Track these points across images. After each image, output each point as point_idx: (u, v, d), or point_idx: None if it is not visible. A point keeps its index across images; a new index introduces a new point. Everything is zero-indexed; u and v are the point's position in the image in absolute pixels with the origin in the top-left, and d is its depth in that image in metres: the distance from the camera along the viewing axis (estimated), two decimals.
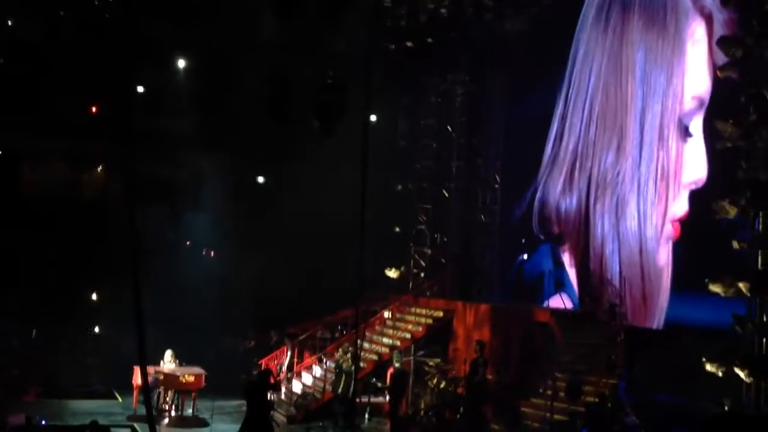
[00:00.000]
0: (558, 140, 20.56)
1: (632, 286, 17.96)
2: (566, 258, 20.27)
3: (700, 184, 16.67)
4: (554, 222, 20.43)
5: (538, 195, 21.00)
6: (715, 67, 15.77)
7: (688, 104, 17.09)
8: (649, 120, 18.02)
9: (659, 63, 17.88)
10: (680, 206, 17.21)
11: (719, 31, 15.83)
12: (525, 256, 20.26)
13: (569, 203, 20.06)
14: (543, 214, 20.81)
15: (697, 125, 16.91)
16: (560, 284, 20.03)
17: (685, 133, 17.10)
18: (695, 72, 16.98)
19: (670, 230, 17.41)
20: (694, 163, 16.91)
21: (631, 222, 18.36)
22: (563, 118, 20.43)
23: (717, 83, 16.00)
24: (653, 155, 17.87)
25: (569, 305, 19.16)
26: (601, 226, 19.08)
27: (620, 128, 18.82)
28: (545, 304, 20.08)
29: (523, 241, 21.04)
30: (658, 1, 17.96)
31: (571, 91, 20.30)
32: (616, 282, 18.07)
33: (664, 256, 17.54)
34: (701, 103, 16.79)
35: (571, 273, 19.97)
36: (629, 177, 18.48)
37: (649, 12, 18.16)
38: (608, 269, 18.65)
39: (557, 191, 20.37)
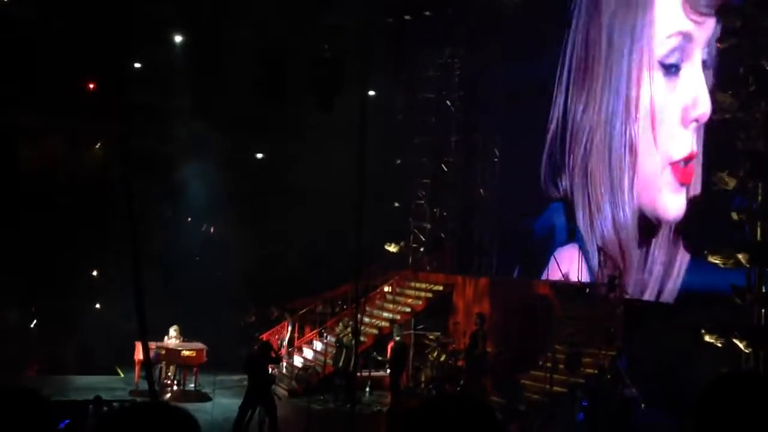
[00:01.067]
0: (560, 109, 20.74)
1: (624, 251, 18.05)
2: (579, 215, 19.87)
3: (703, 120, 16.43)
4: (563, 176, 20.40)
5: (545, 152, 20.97)
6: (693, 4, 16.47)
7: (665, 44, 17.32)
8: (617, 74, 18.53)
9: (626, 15, 18.40)
10: (682, 147, 17.03)
11: None
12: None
13: (574, 159, 20.06)
14: (553, 169, 20.76)
15: (692, 62, 16.86)
16: (573, 235, 19.66)
17: (669, 73, 17.27)
18: (668, 13, 17.33)
19: (672, 177, 17.30)
20: (691, 100, 16.79)
21: (618, 180, 18.50)
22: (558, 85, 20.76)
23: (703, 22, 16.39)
24: (629, 112, 18.23)
25: (582, 259, 18.81)
26: (598, 184, 19.20)
27: (588, 87, 19.24)
28: (556, 254, 19.78)
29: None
30: None
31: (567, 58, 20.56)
32: (615, 247, 18.13)
33: (675, 205, 17.36)
34: (687, 37, 16.85)
35: (584, 228, 19.65)
36: (611, 136, 18.73)
37: None
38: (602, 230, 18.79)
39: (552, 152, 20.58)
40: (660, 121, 17.58)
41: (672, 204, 17.33)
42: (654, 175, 17.75)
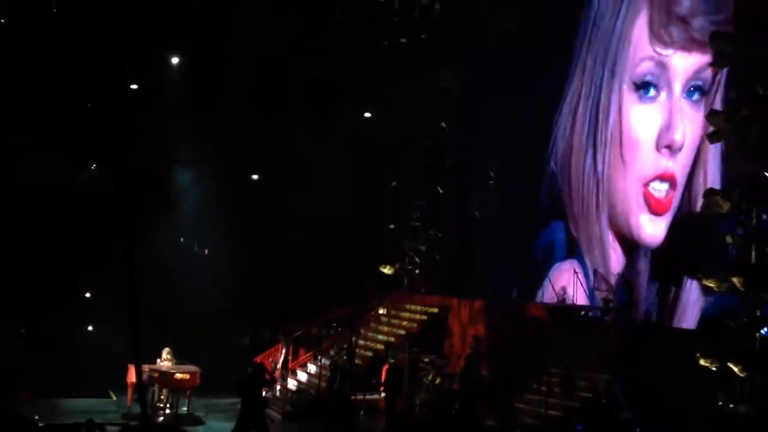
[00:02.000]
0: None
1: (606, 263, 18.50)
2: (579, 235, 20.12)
3: (677, 146, 17.08)
4: (564, 195, 20.58)
5: (549, 169, 21.07)
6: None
7: (641, 66, 17.89)
8: (597, 92, 18.97)
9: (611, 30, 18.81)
10: (656, 169, 17.57)
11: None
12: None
13: (579, 175, 20.16)
14: (553, 188, 20.96)
15: (676, 89, 17.42)
16: (573, 250, 19.90)
17: (643, 96, 17.80)
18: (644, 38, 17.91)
19: (644, 202, 17.74)
20: (663, 127, 17.43)
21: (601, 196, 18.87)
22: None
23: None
24: (604, 131, 18.65)
25: (581, 274, 18.97)
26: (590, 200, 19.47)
27: (575, 106, 19.65)
28: (555, 268, 20.04)
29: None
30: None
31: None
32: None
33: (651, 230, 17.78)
34: (660, 65, 17.45)
35: (584, 244, 19.88)
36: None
37: None
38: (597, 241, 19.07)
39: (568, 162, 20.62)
40: (630, 143, 17.96)
41: (648, 228, 17.72)
42: (626, 198, 18.08)
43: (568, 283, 19.26)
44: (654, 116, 17.60)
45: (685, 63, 17.03)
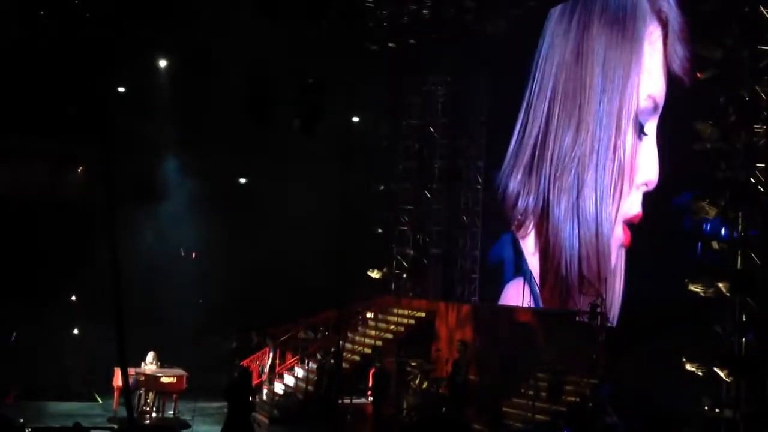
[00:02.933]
0: (522, 131, 21.17)
1: (590, 266, 18.49)
2: (528, 245, 20.60)
3: (651, 187, 17.11)
4: (515, 209, 21.07)
5: (502, 184, 21.62)
6: (669, 71, 16.64)
7: (644, 102, 17.46)
8: (607, 111, 18.49)
9: (618, 60, 18.26)
10: (633, 206, 17.57)
11: (673, 36, 16.58)
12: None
13: (530, 188, 20.62)
14: (506, 202, 21.43)
15: (651, 127, 17.28)
16: (519, 269, 20.52)
17: (640, 130, 17.49)
18: (651, 72, 17.37)
19: (621, 234, 17.83)
20: (646, 164, 17.28)
21: (589, 205, 18.87)
22: (527, 108, 21.04)
23: (670, 86, 16.69)
24: (609, 149, 18.32)
25: (527, 292, 19.35)
26: (561, 207, 19.65)
27: (578, 117, 19.38)
28: (505, 288, 20.73)
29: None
30: (618, 3, 18.47)
31: (535, 83, 20.85)
32: (577, 267, 18.67)
33: (616, 253, 18.02)
34: (655, 104, 17.16)
35: (533, 260, 20.36)
36: (587, 167, 19.02)
37: (610, 13, 18.70)
38: (566, 249, 19.23)
39: (518, 179, 21.08)
40: (626, 177, 17.83)
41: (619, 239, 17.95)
42: (609, 230, 18.17)
43: (517, 301, 19.66)
44: (644, 154, 17.40)
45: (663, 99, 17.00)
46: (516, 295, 20.01)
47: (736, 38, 13.55)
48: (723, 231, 13.75)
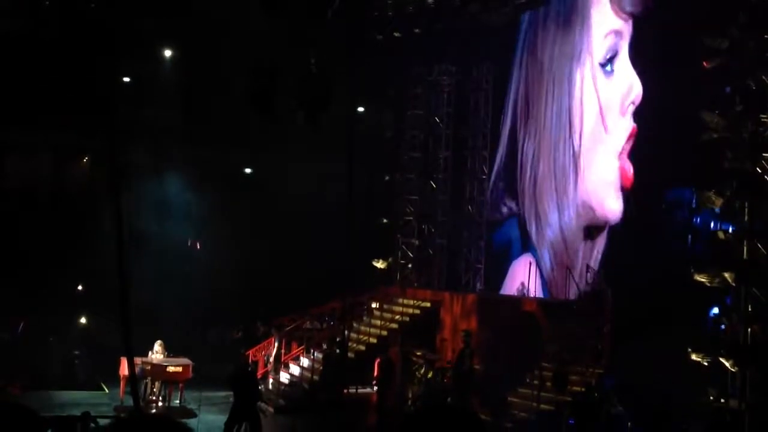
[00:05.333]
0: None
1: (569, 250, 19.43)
2: (532, 228, 21.18)
3: (638, 102, 18.10)
4: (513, 193, 21.77)
5: (495, 171, 22.33)
6: (622, 8, 18.38)
7: (603, 43, 19.03)
8: (567, 80, 20.09)
9: (569, 25, 20.03)
10: (624, 131, 18.50)
11: None
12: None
13: (526, 174, 21.29)
14: (505, 187, 22.12)
15: (622, 56, 18.62)
16: (527, 246, 21.05)
17: (607, 70, 18.94)
18: (603, 19, 19.01)
19: (618, 178, 18.55)
20: (626, 88, 18.43)
21: (569, 179, 19.93)
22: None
23: (636, 23, 18.22)
24: (576, 115, 19.80)
25: (534, 268, 20.08)
26: (545, 188, 20.64)
27: (545, 96, 20.65)
28: (512, 265, 21.10)
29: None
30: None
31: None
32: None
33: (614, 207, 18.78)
34: (618, 34, 18.60)
35: (536, 239, 20.96)
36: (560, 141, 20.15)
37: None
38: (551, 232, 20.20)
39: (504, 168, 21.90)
40: (607, 117, 19.07)
41: (613, 205, 18.77)
42: (602, 172, 19.02)
43: (524, 277, 20.20)
44: (618, 83, 18.70)
45: (628, 29, 18.38)
46: (523, 272, 20.41)
47: (743, 28, 13.50)
48: (713, 224, 13.88)
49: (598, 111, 19.33)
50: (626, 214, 18.30)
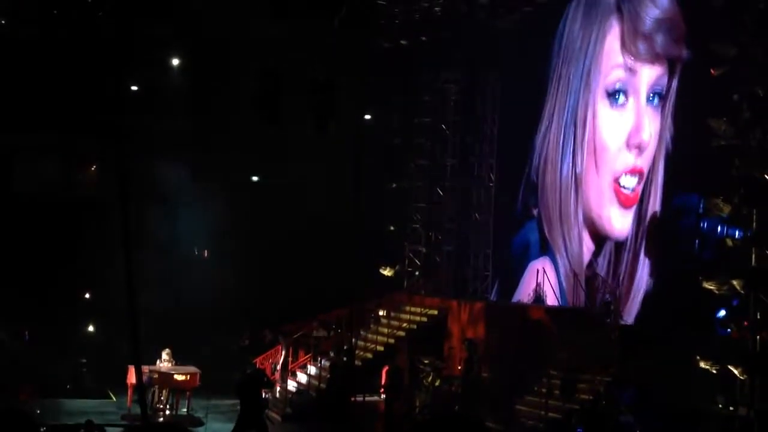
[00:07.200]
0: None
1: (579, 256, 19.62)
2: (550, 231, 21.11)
3: (645, 147, 18.26)
4: (536, 196, 21.58)
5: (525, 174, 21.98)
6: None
7: (612, 75, 19.17)
8: (573, 100, 20.19)
9: (583, 47, 19.94)
10: (626, 165, 18.79)
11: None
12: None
13: (556, 182, 21.02)
14: (528, 189, 21.90)
15: (642, 95, 18.58)
16: (545, 249, 20.94)
17: (613, 102, 19.08)
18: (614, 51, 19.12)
19: (614, 196, 18.91)
20: (633, 129, 18.64)
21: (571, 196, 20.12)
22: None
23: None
24: (579, 135, 19.95)
25: (551, 272, 20.05)
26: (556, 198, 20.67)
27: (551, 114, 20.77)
28: (529, 267, 20.98)
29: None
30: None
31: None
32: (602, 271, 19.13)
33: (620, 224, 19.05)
34: (631, 71, 18.67)
35: (556, 243, 20.86)
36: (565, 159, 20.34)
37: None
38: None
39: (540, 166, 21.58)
40: (602, 144, 19.32)
41: (617, 222, 18.97)
42: (599, 193, 19.35)
43: (540, 278, 20.11)
44: (625, 120, 18.86)
45: (649, 73, 18.32)
46: (539, 274, 20.30)
47: (750, 35, 13.48)
48: (718, 230, 13.86)
49: (592, 139, 19.70)
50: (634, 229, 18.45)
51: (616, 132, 19.03)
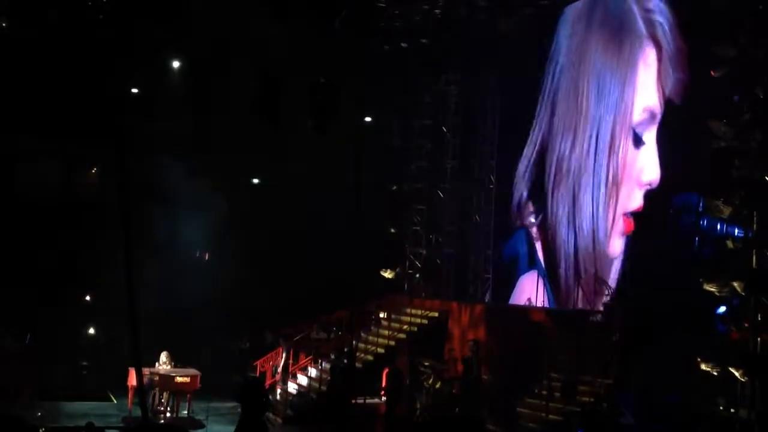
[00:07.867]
0: (532, 134, 21.47)
1: (587, 271, 19.02)
2: (538, 243, 21.02)
3: (654, 185, 17.67)
4: (525, 208, 21.43)
5: (516, 184, 21.81)
6: (663, 89, 17.34)
7: (639, 116, 18.10)
8: (602, 128, 19.06)
9: (613, 78, 18.86)
10: (634, 202, 18.19)
11: (667, 59, 17.21)
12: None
13: (537, 189, 20.96)
14: (519, 201, 21.72)
15: (650, 135, 17.86)
16: (533, 262, 20.84)
17: (636, 140, 18.12)
18: (646, 90, 17.97)
19: (621, 225, 18.45)
20: (648, 168, 17.86)
21: (586, 211, 19.39)
22: (536, 113, 21.36)
23: (665, 103, 17.36)
24: (604, 161, 18.93)
25: (540, 285, 19.86)
26: (559, 211, 20.16)
27: (574, 129, 19.89)
28: (519, 281, 20.90)
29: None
30: (615, 22, 18.95)
31: (545, 85, 21.10)
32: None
33: (616, 247, 18.58)
34: (652, 115, 17.78)
35: (542, 255, 20.82)
36: (584, 176, 19.60)
37: (608, 30, 19.20)
38: (563, 252, 19.84)
39: (526, 179, 21.47)
40: (624, 181, 18.54)
41: (616, 247, 18.54)
42: (609, 224, 18.78)
43: (531, 293, 19.92)
44: (645, 158, 18.10)
45: (660, 110, 17.74)
46: (530, 288, 20.23)
47: (750, 36, 13.47)
48: (718, 227, 13.85)
49: (618, 173, 18.86)
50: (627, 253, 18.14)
51: (634, 170, 18.27)
